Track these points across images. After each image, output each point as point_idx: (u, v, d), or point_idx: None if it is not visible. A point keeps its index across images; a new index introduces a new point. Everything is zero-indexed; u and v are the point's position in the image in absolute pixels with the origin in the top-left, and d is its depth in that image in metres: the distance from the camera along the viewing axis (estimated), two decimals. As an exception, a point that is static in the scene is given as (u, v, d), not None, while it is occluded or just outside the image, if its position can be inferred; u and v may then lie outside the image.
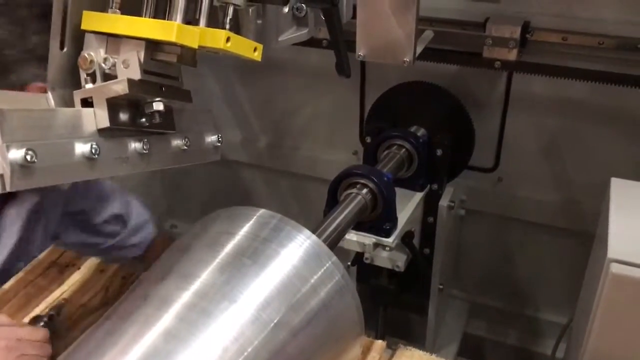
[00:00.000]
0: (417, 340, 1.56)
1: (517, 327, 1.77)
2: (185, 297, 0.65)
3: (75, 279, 1.09)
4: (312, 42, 1.05)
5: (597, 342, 0.93)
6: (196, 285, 0.67)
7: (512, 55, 1.32)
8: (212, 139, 0.73)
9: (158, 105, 0.59)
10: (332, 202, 1.14)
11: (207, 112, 0.75)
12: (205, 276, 0.68)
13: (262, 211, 0.78)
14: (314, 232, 0.92)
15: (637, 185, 1.02)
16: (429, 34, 1.34)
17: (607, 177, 1.37)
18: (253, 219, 0.76)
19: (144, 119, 0.61)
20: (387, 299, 1.44)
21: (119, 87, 0.57)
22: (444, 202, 1.36)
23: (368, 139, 1.36)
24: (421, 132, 1.37)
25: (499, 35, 1.31)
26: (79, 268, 1.11)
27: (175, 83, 0.63)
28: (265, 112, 1.83)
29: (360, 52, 1.09)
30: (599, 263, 0.92)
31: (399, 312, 1.61)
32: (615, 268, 0.84)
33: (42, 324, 0.88)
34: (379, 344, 0.96)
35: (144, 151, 0.62)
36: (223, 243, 0.72)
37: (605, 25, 1.27)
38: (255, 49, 0.59)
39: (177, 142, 0.68)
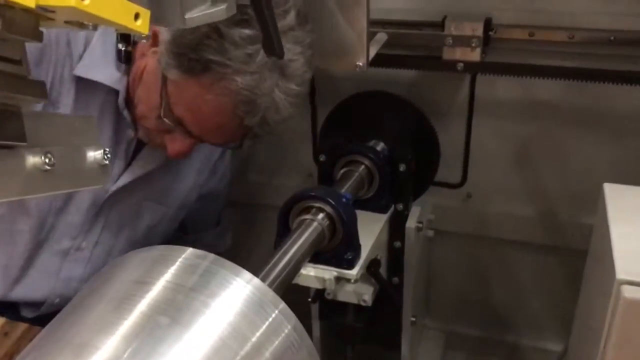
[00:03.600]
0: (391, 378, 1.39)
1: (499, 355, 1.62)
2: (77, 379, 0.47)
3: (-28, 346, 0.89)
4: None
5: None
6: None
7: (475, 55, 1.19)
8: (94, 155, 0.51)
9: None
10: (284, 231, 0.97)
11: (86, 118, 0.53)
12: (106, 347, 0.50)
13: (188, 251, 0.60)
14: (261, 270, 0.76)
15: (634, 190, 0.88)
16: (382, 36, 1.21)
17: (586, 185, 1.24)
18: (177, 263, 0.59)
19: None
20: (355, 337, 1.27)
21: None
22: (411, 224, 1.20)
23: (322, 158, 1.20)
24: (380, 146, 1.21)
25: (459, 34, 1.18)
26: (-23, 332, 0.91)
27: (15, 69, 0.43)
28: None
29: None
30: (603, 285, 0.77)
31: (369, 348, 1.45)
32: (627, 291, 0.70)
33: None
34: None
35: None
36: (133, 298, 0.54)
37: (574, 17, 1.15)
38: (137, 16, 0.40)
39: (32, 161, 0.44)
